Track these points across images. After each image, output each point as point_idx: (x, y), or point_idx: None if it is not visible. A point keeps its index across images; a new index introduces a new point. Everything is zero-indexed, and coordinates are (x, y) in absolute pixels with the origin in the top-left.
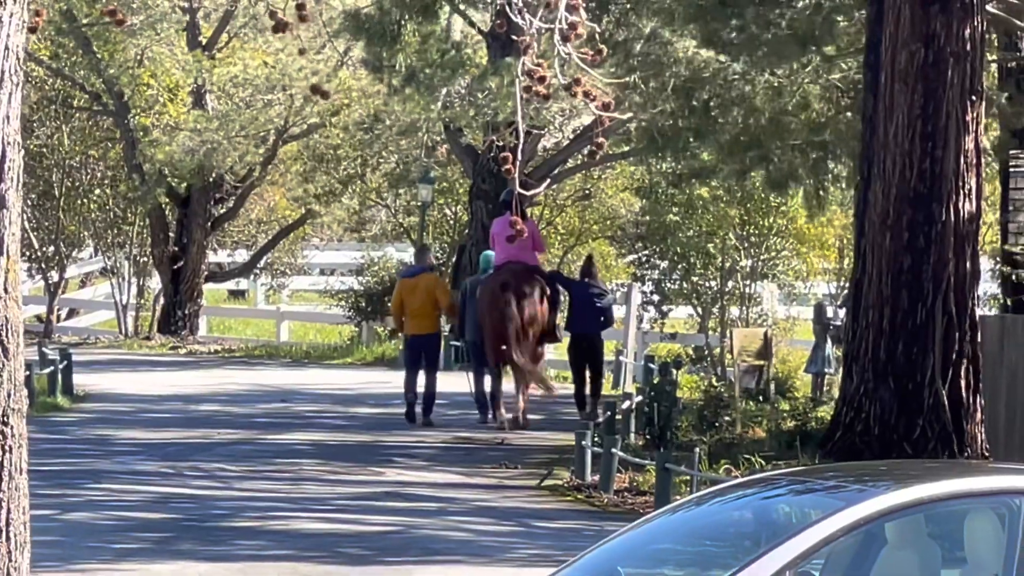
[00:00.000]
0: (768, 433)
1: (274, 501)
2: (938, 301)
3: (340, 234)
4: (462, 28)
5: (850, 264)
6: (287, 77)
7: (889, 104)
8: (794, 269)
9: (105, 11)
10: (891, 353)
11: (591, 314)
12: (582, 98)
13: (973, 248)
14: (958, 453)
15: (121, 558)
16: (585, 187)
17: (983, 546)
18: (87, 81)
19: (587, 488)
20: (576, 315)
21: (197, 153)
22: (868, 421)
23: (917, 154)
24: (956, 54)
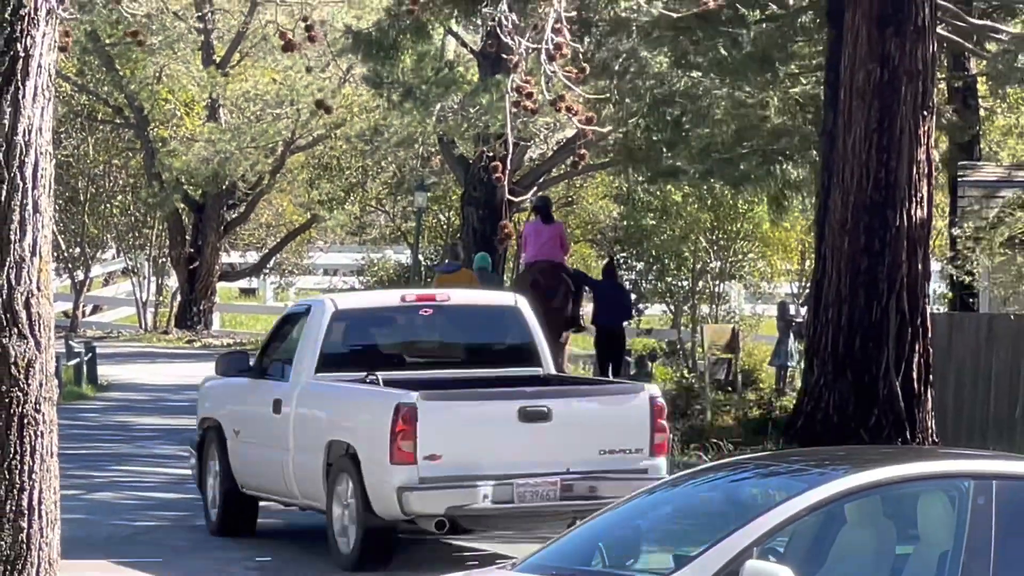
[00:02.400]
0: (736, 421)
1: None
2: (892, 300)
3: (342, 237)
4: (455, 48)
5: (811, 266)
6: (294, 93)
7: (848, 119)
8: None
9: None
10: (849, 348)
11: (614, 309)
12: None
13: (924, 251)
14: (910, 439)
15: (142, 534)
16: (568, 194)
17: (935, 525)
18: (110, 96)
19: None
20: (601, 310)
21: (211, 162)
22: (828, 410)
23: (873, 165)
24: (910, 73)
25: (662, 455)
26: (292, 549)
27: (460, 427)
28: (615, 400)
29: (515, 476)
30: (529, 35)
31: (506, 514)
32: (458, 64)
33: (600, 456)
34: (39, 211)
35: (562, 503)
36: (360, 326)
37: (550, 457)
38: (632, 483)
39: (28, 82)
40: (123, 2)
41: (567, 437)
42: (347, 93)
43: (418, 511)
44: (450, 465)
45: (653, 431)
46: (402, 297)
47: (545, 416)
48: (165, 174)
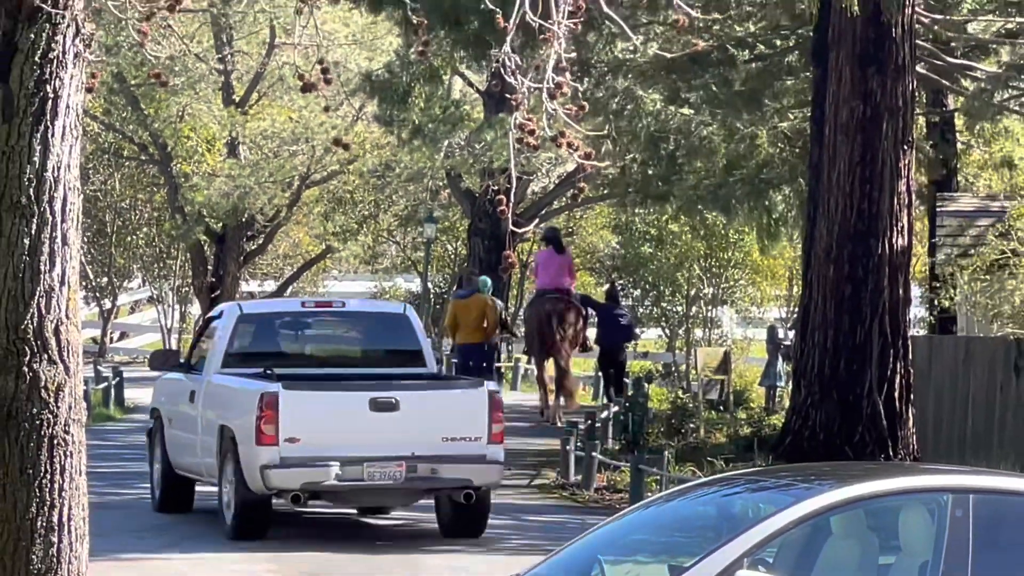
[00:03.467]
0: (727, 438)
1: None
2: (875, 324)
3: (356, 267)
4: (461, 88)
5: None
6: (309, 130)
7: (832, 153)
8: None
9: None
10: (834, 369)
11: (617, 330)
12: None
13: (905, 278)
14: (893, 456)
15: (168, 547)
16: (568, 225)
17: (915, 537)
18: (136, 134)
19: (571, 486)
20: (604, 331)
21: (231, 196)
22: (814, 428)
23: (857, 196)
24: (891, 109)
25: (499, 443)
26: (205, 522)
27: (317, 414)
28: (457, 394)
29: (365, 458)
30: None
31: (356, 490)
32: (464, 103)
33: (442, 442)
34: (67, 243)
35: (407, 483)
36: (264, 328)
37: (397, 442)
38: (471, 466)
39: (57, 121)
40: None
41: (413, 425)
42: (359, 131)
43: (278, 486)
44: (307, 447)
45: (491, 422)
46: (303, 304)
47: (393, 406)
48: (188, 207)
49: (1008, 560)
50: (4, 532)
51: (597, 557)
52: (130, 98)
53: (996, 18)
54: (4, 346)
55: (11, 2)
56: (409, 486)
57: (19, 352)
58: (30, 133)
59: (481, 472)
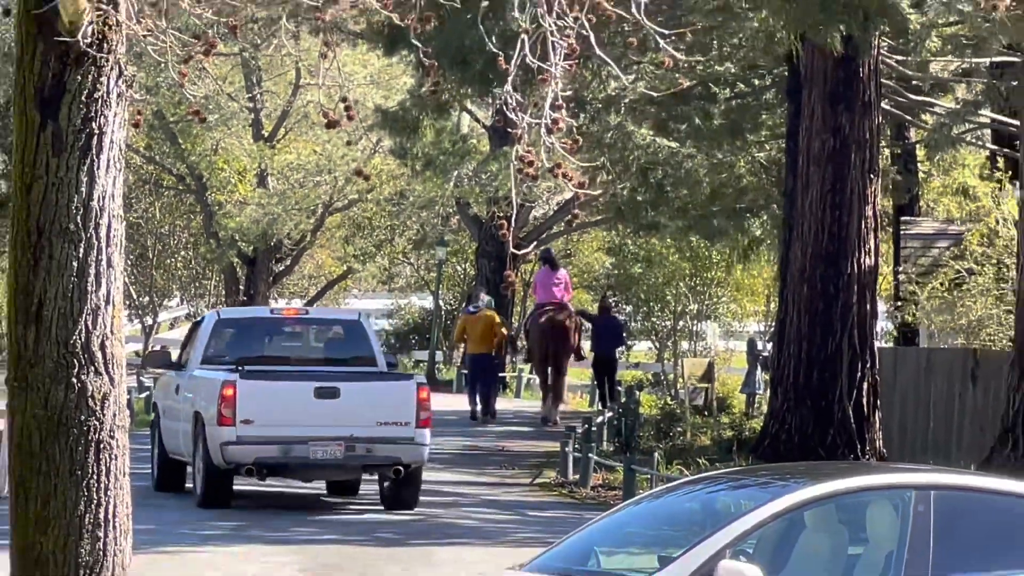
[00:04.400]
0: (711, 441)
1: (322, 498)
2: (845, 337)
3: (374, 286)
4: (469, 123)
5: (775, 307)
6: (332, 163)
7: (805, 182)
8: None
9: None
10: (808, 378)
11: (609, 338)
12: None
13: (872, 295)
14: (861, 456)
15: (205, 542)
16: (566, 248)
17: (882, 529)
18: (174, 166)
19: (569, 485)
20: (598, 340)
21: (261, 223)
22: (790, 431)
23: (828, 221)
24: (858, 142)
25: (426, 427)
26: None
27: (269, 401)
28: (390, 386)
29: (310, 438)
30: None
31: (301, 465)
32: (471, 137)
33: (377, 426)
34: (112, 265)
35: (345, 460)
36: (238, 331)
37: (337, 425)
38: (401, 447)
39: (102, 155)
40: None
41: (351, 411)
42: (376, 163)
43: (235, 460)
44: (260, 428)
45: (418, 410)
46: (271, 311)
47: (335, 394)
48: (221, 233)
49: (965, 550)
50: (55, 528)
51: (593, 548)
52: (169, 133)
53: (953, 59)
54: (55, 359)
55: (61, 47)
56: (347, 463)
57: (68, 365)
58: (77, 166)
59: (409, 452)
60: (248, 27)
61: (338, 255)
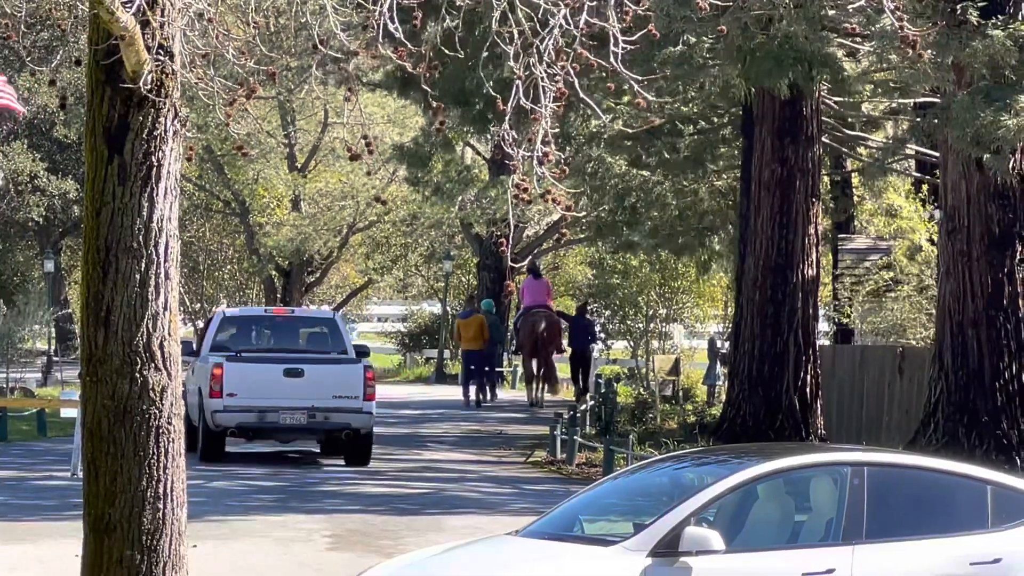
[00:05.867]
0: (678, 425)
1: (348, 474)
2: (791, 336)
3: (391, 295)
4: (472, 156)
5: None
6: (355, 190)
7: (757, 204)
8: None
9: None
10: (760, 371)
11: (583, 336)
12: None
13: (814, 301)
14: (806, 438)
15: (248, 512)
16: (554, 261)
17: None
18: (221, 193)
19: (558, 463)
20: (574, 337)
21: (295, 241)
22: (745, 417)
23: (776, 238)
24: (802, 170)
25: (371, 400)
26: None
27: (249, 379)
28: (344, 368)
29: (280, 408)
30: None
31: (274, 428)
32: (474, 167)
33: (333, 399)
34: (169, 278)
35: (308, 425)
36: (240, 325)
37: (302, 398)
38: (351, 415)
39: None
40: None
41: (313, 387)
42: (392, 190)
43: (223, 424)
44: (242, 399)
45: (365, 386)
46: (265, 310)
47: (300, 374)
48: (261, 249)
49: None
50: (122, 501)
51: (578, 516)
52: (217, 165)
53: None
54: (120, 358)
55: (124, 92)
56: (310, 427)
57: (132, 362)
58: (139, 193)
59: (358, 419)
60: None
61: (360, 268)
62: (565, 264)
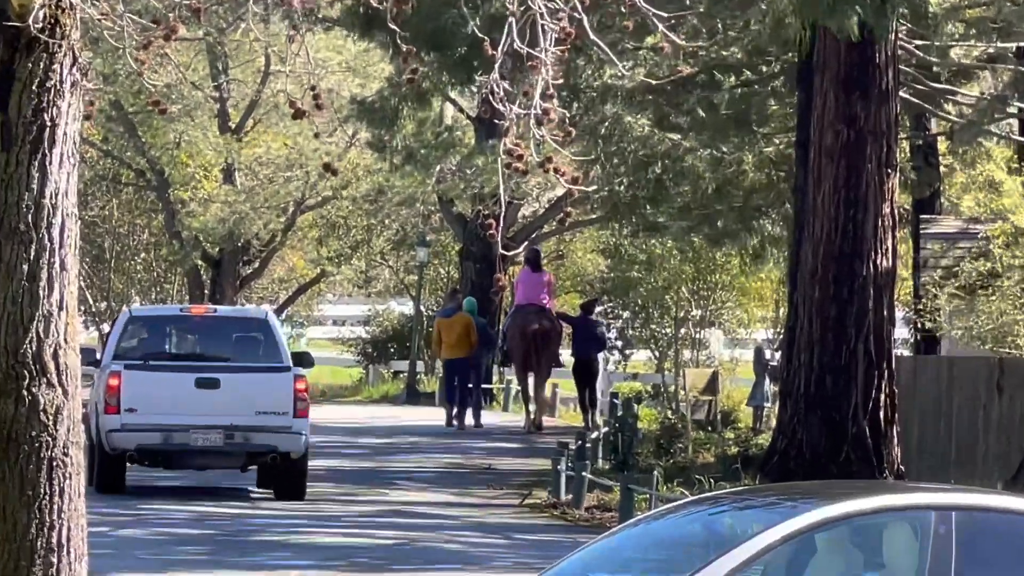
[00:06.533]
0: (715, 458)
1: (296, 519)
2: (860, 344)
3: (350, 290)
4: (453, 114)
5: (785, 313)
6: (304, 157)
7: (817, 176)
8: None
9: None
10: (820, 388)
11: (588, 341)
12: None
13: (889, 299)
14: (878, 474)
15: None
16: (558, 248)
17: (899, 554)
18: (133, 161)
19: (562, 506)
20: (577, 342)
21: (227, 222)
22: (800, 447)
23: (841, 219)
24: (874, 133)
25: (303, 417)
26: None
27: (152, 390)
28: (268, 377)
29: (191, 426)
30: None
31: (182, 452)
32: (455, 129)
33: (256, 415)
34: (65, 269)
35: (225, 447)
36: (150, 328)
37: (218, 414)
38: (277, 435)
39: (54, 149)
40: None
41: (231, 401)
42: (352, 157)
43: (119, 447)
44: (143, 415)
45: (295, 400)
46: (181, 308)
47: (215, 385)
48: (185, 233)
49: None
50: (5, 553)
51: (587, 574)
52: (128, 125)
53: (978, 43)
54: (3, 370)
55: (9, 32)
56: (227, 450)
57: (18, 376)
58: (28, 161)
59: (286, 440)
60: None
61: (311, 257)
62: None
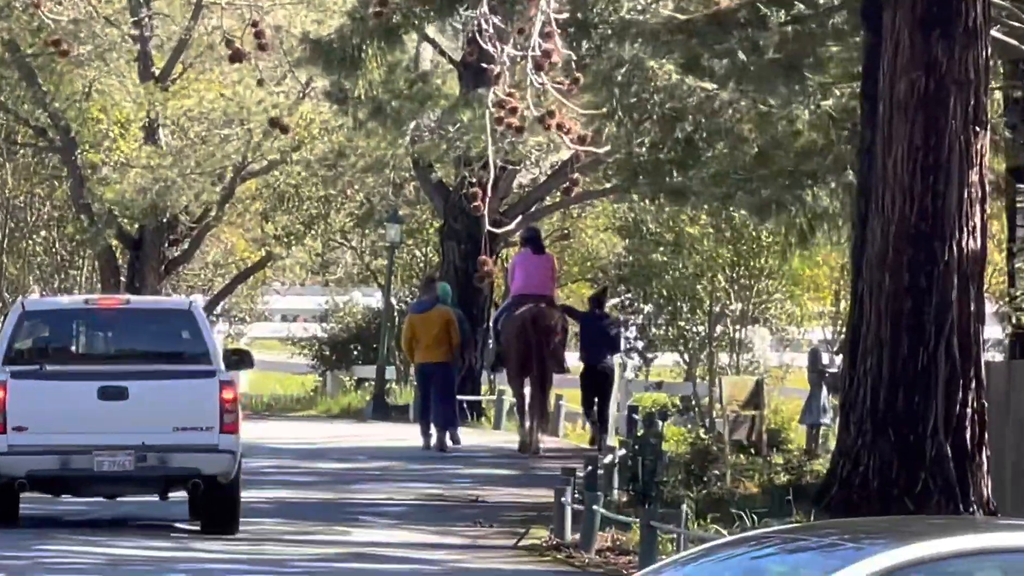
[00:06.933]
0: (760, 488)
1: (235, 563)
2: (941, 346)
3: (302, 278)
4: (431, 57)
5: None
6: (245, 110)
7: (888, 136)
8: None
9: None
10: (891, 402)
11: (600, 342)
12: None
13: (978, 289)
14: (963, 508)
15: None
16: (564, 226)
17: None
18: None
19: (567, 548)
20: (586, 345)
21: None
22: (867, 474)
23: (918, 189)
24: (959, 82)
25: (231, 433)
26: None
27: (46, 403)
28: (188, 384)
29: (94, 447)
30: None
31: (84, 478)
32: (435, 76)
33: (174, 432)
34: None
35: (136, 471)
36: (47, 325)
37: (127, 431)
38: (201, 455)
39: None
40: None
41: (143, 414)
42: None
43: (6, 474)
44: (35, 435)
45: (222, 412)
46: (86, 300)
47: (123, 395)
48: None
49: None
50: None
51: None
52: (25, 71)
53: None
54: None
55: None
56: (138, 475)
57: None
58: None
59: (211, 461)
60: None
61: (254, 236)
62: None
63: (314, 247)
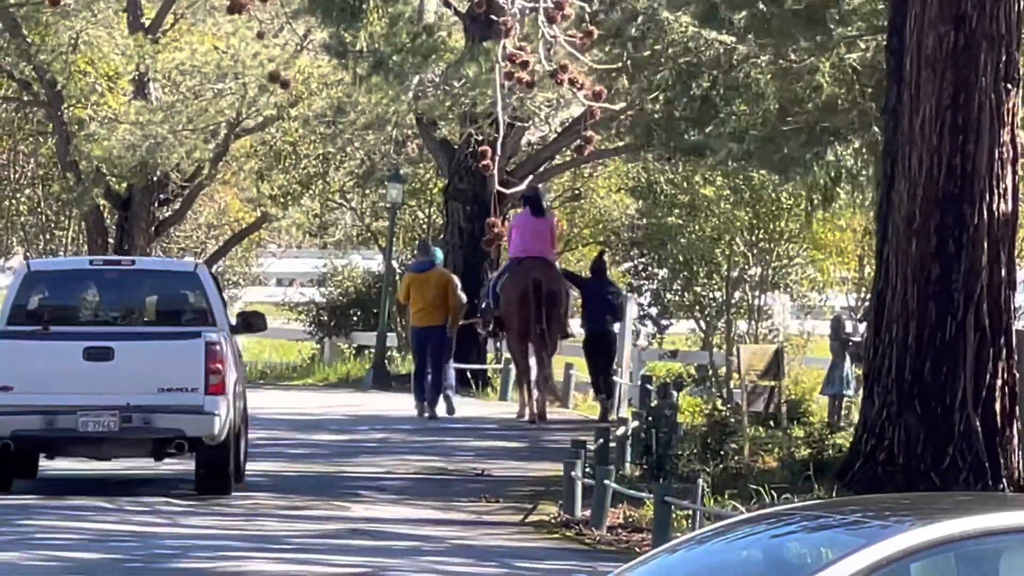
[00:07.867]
0: (779, 462)
1: (226, 539)
2: (970, 314)
3: (299, 240)
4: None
5: (871, 273)
6: (240, 64)
7: (915, 93)
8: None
9: None
10: (917, 373)
11: (602, 309)
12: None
13: (1009, 254)
14: (993, 485)
15: None
16: (575, 186)
17: None
18: (15, 68)
19: (577, 524)
20: (588, 312)
21: (139, 149)
22: (892, 449)
23: (946, 149)
24: (990, 37)
25: (217, 394)
26: None
27: (30, 363)
28: (173, 345)
29: (78, 407)
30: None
31: (69, 438)
32: (440, 28)
33: (159, 393)
34: None
35: (121, 432)
36: (52, 286)
37: (112, 392)
38: (186, 416)
39: None
40: None
41: (128, 375)
42: (304, 64)
43: None
44: (20, 395)
45: (207, 373)
46: (91, 261)
47: (108, 355)
48: (83, 163)
49: None
50: None
51: None
52: (8, 21)
53: None
54: None
55: None
56: (123, 436)
57: None
58: None
59: (195, 423)
60: None
61: (249, 196)
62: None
63: (312, 208)
